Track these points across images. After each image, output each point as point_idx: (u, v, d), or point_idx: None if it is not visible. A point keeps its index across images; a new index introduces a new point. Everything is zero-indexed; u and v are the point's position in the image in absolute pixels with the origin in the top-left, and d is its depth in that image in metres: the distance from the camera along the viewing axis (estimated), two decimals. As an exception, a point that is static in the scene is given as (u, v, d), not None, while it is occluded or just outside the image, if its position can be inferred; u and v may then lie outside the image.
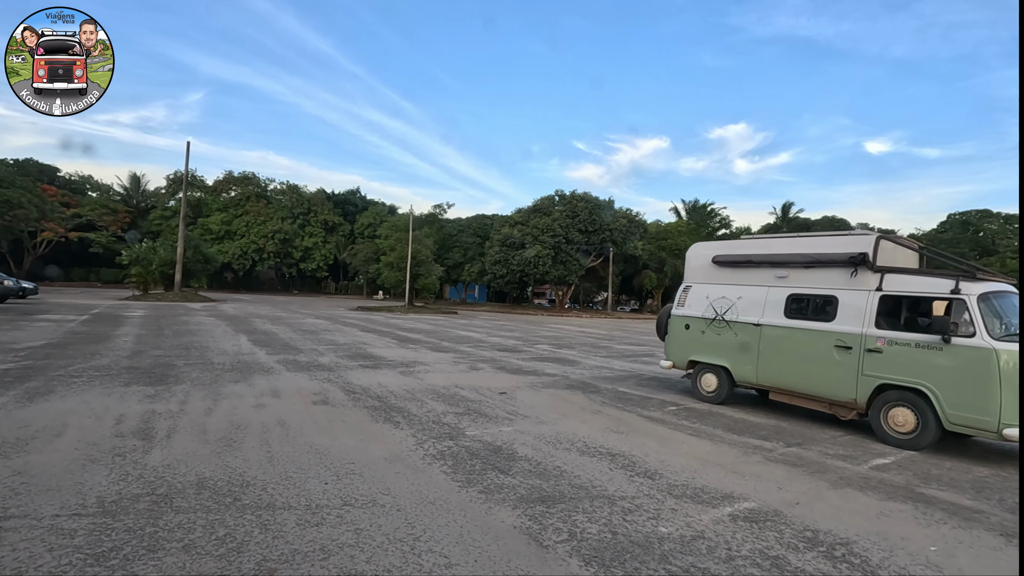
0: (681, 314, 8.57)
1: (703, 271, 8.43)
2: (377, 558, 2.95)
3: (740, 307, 7.74)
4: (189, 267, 36.31)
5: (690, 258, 8.80)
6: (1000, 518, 4.08)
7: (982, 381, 5.46)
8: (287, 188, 62.67)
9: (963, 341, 5.62)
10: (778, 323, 7.24)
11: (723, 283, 8.07)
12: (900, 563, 3.23)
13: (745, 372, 7.62)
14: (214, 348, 11.57)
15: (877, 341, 6.25)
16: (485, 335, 19.09)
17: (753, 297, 7.60)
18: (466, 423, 6.11)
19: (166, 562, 2.80)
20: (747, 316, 7.62)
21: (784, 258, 7.35)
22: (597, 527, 3.50)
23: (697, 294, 8.41)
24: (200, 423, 5.55)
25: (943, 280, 6.01)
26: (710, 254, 8.36)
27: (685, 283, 8.74)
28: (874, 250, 6.45)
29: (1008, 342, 5.49)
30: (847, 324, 6.53)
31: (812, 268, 7.02)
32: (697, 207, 62.83)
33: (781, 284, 7.34)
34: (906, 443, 5.95)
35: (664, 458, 5.14)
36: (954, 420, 5.62)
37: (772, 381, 7.33)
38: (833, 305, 6.74)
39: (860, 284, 6.52)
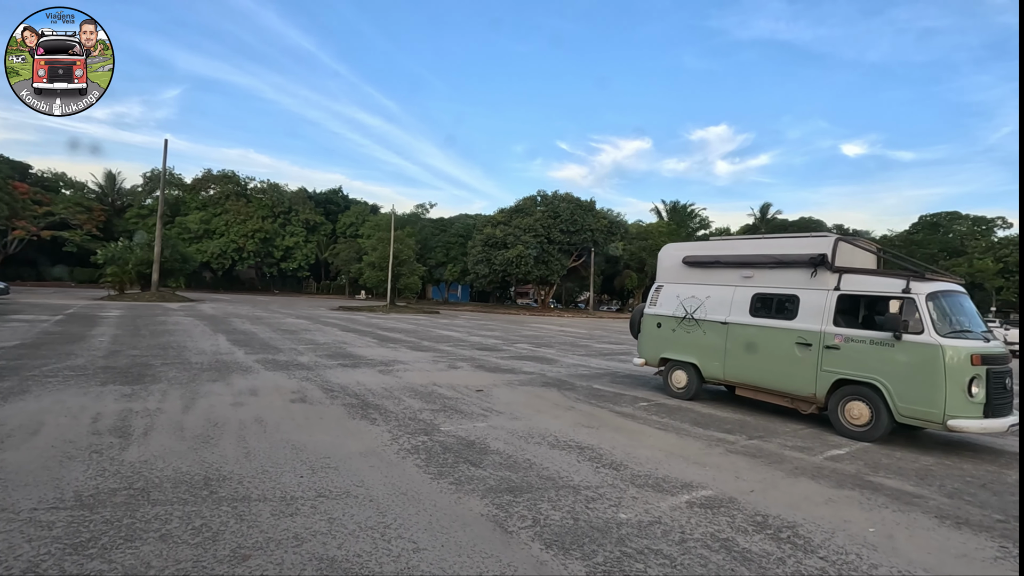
0: (653, 313, 8.81)
1: (674, 271, 8.67)
2: (348, 544, 3.10)
3: (708, 306, 7.99)
4: (167, 267, 35.83)
5: (662, 258, 9.03)
6: (938, 502, 4.36)
7: (929, 376, 5.76)
8: (268, 187, 61.97)
9: (912, 338, 5.92)
10: (744, 321, 7.51)
11: (693, 283, 8.33)
12: (839, 543, 3.48)
13: (713, 369, 7.87)
14: (192, 348, 11.55)
15: (835, 338, 6.53)
16: (466, 334, 19.23)
17: (721, 296, 7.86)
18: (441, 419, 6.27)
19: (143, 551, 2.91)
20: (715, 315, 7.88)
21: (750, 259, 7.64)
22: (560, 514, 3.69)
23: (668, 293, 8.66)
24: (177, 421, 5.63)
25: (895, 280, 6.31)
26: (681, 255, 8.60)
27: (657, 283, 8.99)
28: (833, 251, 6.74)
29: (953, 339, 5.81)
30: (808, 322, 6.80)
31: (776, 269, 7.31)
32: (677, 208, 63.64)
33: (747, 284, 7.61)
34: (861, 435, 6.24)
35: (630, 451, 5.36)
36: (904, 412, 5.92)
37: (738, 377, 7.60)
38: (795, 304, 7.01)
39: (820, 284, 6.80)
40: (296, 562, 2.86)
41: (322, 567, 2.82)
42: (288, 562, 2.86)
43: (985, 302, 41.46)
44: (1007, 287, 41.79)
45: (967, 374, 5.66)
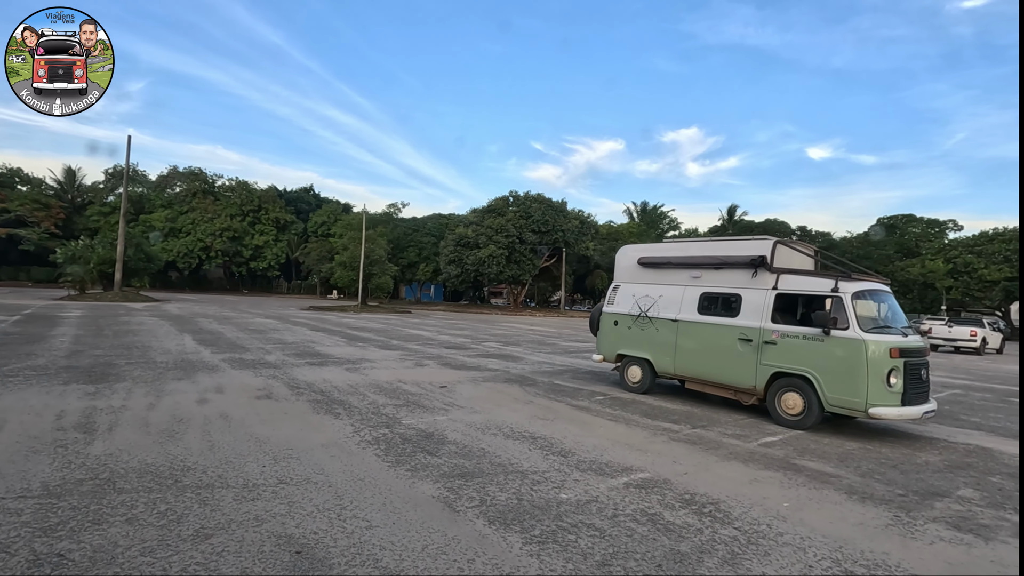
0: (611, 311, 9.23)
1: (630, 271, 9.08)
2: (306, 524, 3.36)
3: (661, 304, 8.42)
4: (130, 266, 34.99)
5: (619, 259, 9.42)
6: (850, 481, 4.83)
7: (854, 368, 6.26)
8: (236, 184, 60.86)
9: (840, 333, 6.40)
10: (693, 319, 7.96)
11: (647, 283, 8.77)
12: (754, 516, 3.88)
13: (665, 364, 8.32)
14: (157, 347, 11.52)
15: (772, 334, 7.01)
16: (435, 333, 19.45)
17: (672, 295, 8.30)
18: (404, 413, 6.53)
19: (111, 532, 3.12)
20: (667, 313, 8.32)
21: (698, 260, 8.09)
22: (506, 495, 4.01)
23: (625, 293, 9.07)
24: (142, 417, 5.77)
25: (825, 280, 6.82)
26: (636, 256, 9.03)
27: (615, 283, 9.41)
28: (772, 253, 7.23)
29: (875, 334, 6.34)
30: (749, 319, 7.28)
31: (721, 269, 7.78)
32: (648, 209, 64.85)
33: (696, 284, 8.06)
34: (795, 423, 6.74)
35: (580, 440, 5.72)
36: (833, 402, 6.43)
37: (687, 371, 8.05)
38: (738, 302, 7.48)
39: (760, 284, 7.29)
40: (256, 539, 3.11)
41: (280, 543, 3.08)
42: (248, 539, 3.11)
43: (936, 301, 43.47)
44: (956, 287, 43.90)
45: (886, 366, 6.17)
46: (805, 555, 3.29)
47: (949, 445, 6.53)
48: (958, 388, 11.85)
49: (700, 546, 3.33)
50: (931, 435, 7.03)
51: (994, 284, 42.69)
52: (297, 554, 2.96)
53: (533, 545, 3.22)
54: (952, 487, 4.86)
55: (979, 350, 23.46)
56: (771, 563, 3.16)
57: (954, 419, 8.17)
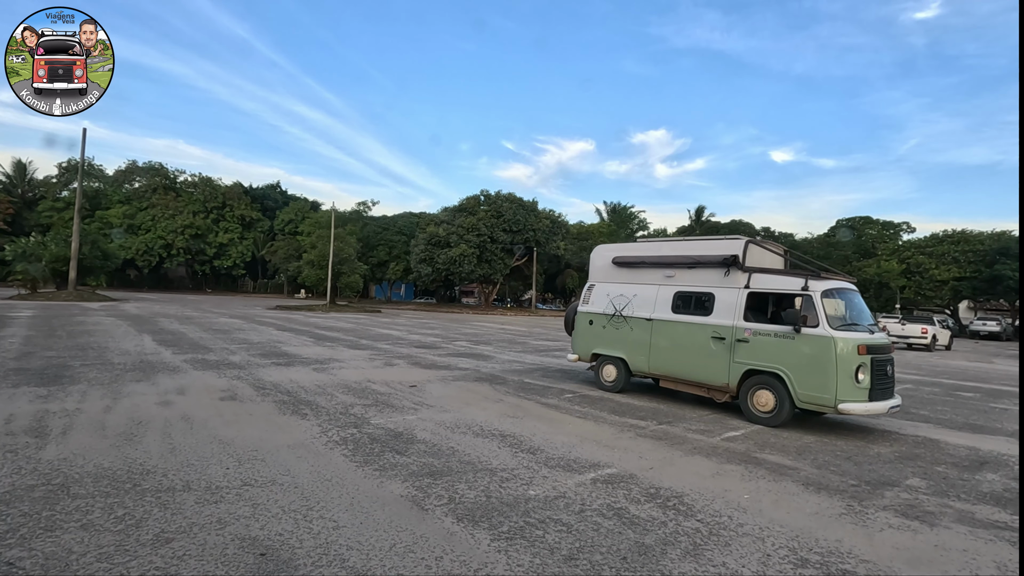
0: (586, 311, 9.25)
1: (605, 271, 9.10)
2: (271, 525, 3.31)
3: (635, 304, 8.46)
4: (86, 264, 33.63)
5: (594, 259, 9.42)
6: (807, 473, 5.02)
7: (823, 365, 6.40)
8: (199, 180, 59.10)
9: (810, 331, 6.52)
10: (666, 318, 8.03)
11: (621, 282, 8.79)
12: (716, 508, 4.00)
13: (639, 362, 8.38)
14: (114, 348, 11.13)
15: (745, 332, 7.12)
16: (406, 333, 19.30)
17: (646, 295, 8.35)
18: (372, 413, 6.48)
19: (64, 539, 3.02)
20: (641, 312, 8.37)
21: (671, 259, 8.16)
22: (475, 493, 4.03)
23: (599, 292, 9.09)
24: (99, 420, 5.57)
25: (795, 279, 6.94)
26: (610, 255, 9.04)
27: (590, 282, 9.39)
28: (743, 253, 7.34)
29: (843, 331, 6.49)
30: (722, 318, 7.36)
31: (694, 268, 7.85)
32: (618, 209, 65.64)
33: (669, 283, 8.12)
34: (767, 420, 6.84)
35: (549, 437, 5.78)
36: (803, 399, 6.56)
37: (661, 370, 8.12)
38: (711, 301, 7.56)
39: (732, 282, 7.38)
40: (219, 542, 3.06)
41: (244, 545, 3.03)
42: (211, 543, 3.05)
43: (891, 300, 45.30)
44: (909, 286, 45.87)
45: (854, 363, 6.32)
46: (764, 544, 3.41)
47: (899, 437, 6.84)
48: (909, 383, 12.38)
49: (664, 538, 3.42)
50: (883, 428, 7.34)
51: (944, 284, 44.74)
52: (262, 556, 2.92)
53: (501, 541, 3.25)
54: (901, 477, 5.09)
55: (929, 347, 24.55)
56: (731, 553, 3.27)
57: (905, 412, 8.54)
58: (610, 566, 3.02)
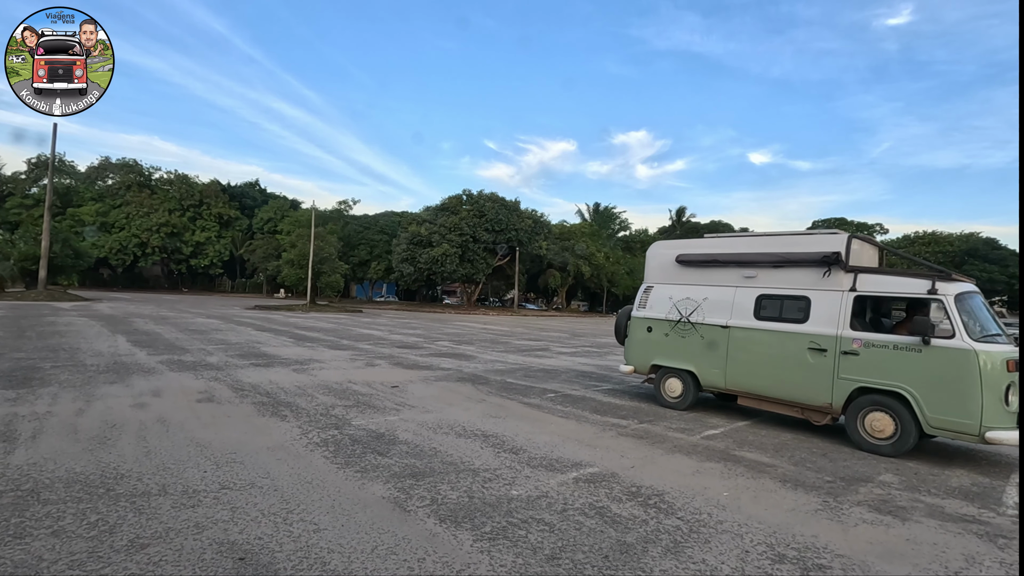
0: (642, 316, 8.14)
1: (665, 271, 8.05)
2: (250, 529, 3.27)
3: (706, 308, 7.41)
4: (56, 263, 32.76)
5: (651, 257, 8.39)
6: (784, 470, 5.11)
7: (963, 383, 5.38)
8: (175, 177, 58.01)
9: (942, 342, 5.54)
10: (747, 325, 6.98)
11: (687, 283, 7.73)
12: (696, 505, 4.05)
13: (712, 376, 7.31)
14: (87, 349, 10.85)
15: (853, 343, 6.08)
16: (387, 333, 19.17)
17: (720, 298, 7.32)
18: (354, 414, 6.43)
19: (34, 546, 2.94)
20: (714, 318, 7.31)
21: (752, 257, 7.11)
22: (457, 493, 4.03)
23: (659, 295, 8.01)
24: (70, 423, 5.43)
25: (918, 280, 5.93)
26: (673, 253, 7.98)
27: (646, 283, 8.32)
28: (847, 249, 6.30)
29: (986, 343, 5.51)
30: (821, 326, 6.34)
31: (781, 268, 6.82)
32: (600, 210, 66.05)
33: (749, 284, 7.09)
34: (885, 449, 5.84)
35: (532, 437, 5.80)
36: (935, 424, 5.53)
37: (741, 385, 7.06)
38: (805, 306, 6.53)
39: (833, 284, 6.36)
40: (196, 547, 3.00)
41: (222, 550, 2.98)
42: (188, 547, 3.00)
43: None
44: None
45: (1003, 381, 5.35)
46: (742, 541, 3.47)
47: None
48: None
49: (645, 536, 3.45)
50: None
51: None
52: (240, 560, 2.88)
53: (484, 542, 3.25)
54: (875, 472, 5.22)
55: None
56: (711, 550, 3.31)
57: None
58: (592, 565, 3.04)
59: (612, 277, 56.46)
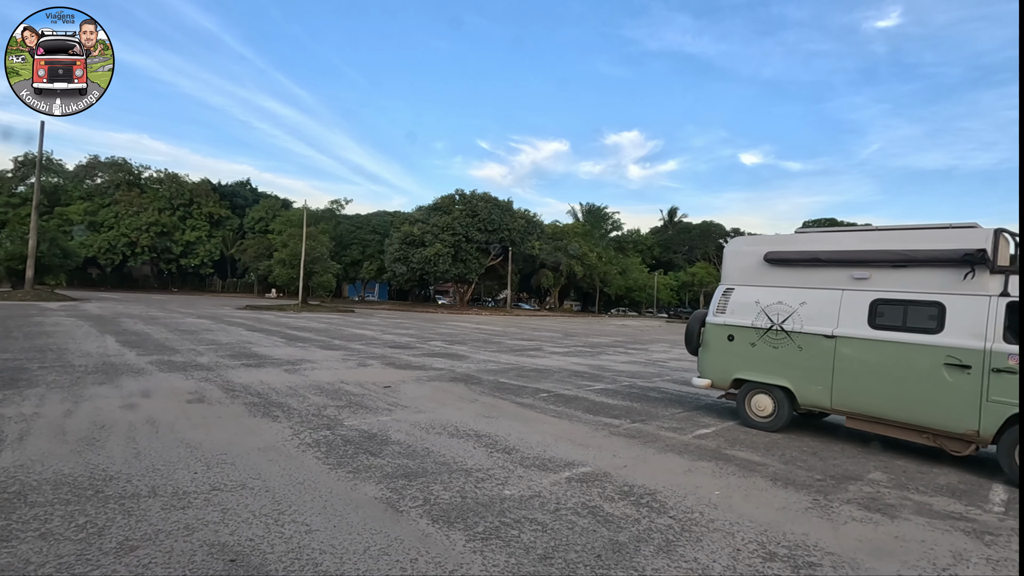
0: (721, 322, 7.10)
1: (750, 271, 7.05)
2: (241, 531, 3.25)
3: (804, 314, 6.43)
4: (44, 262, 32.39)
5: (731, 255, 7.41)
6: (775, 468, 5.15)
7: None
8: (165, 176, 57.51)
9: None
10: (860, 335, 6.00)
11: (779, 285, 6.74)
12: (688, 504, 4.08)
13: (813, 394, 6.35)
14: (75, 350, 10.73)
15: (1008, 359, 5.10)
16: (380, 333, 19.11)
17: (822, 303, 6.34)
18: (346, 415, 6.40)
19: (21, 549, 2.91)
20: (814, 326, 6.33)
21: (863, 255, 6.14)
22: (450, 494, 4.02)
23: (743, 298, 7.01)
24: (58, 425, 5.37)
25: None
26: (760, 250, 6.97)
27: (725, 284, 7.29)
28: (994, 247, 5.34)
29: None
30: (960, 337, 5.37)
31: (903, 268, 5.86)
32: (592, 210, 66.24)
33: (861, 287, 6.13)
34: None
35: (524, 436, 5.80)
36: None
37: (853, 405, 6.08)
38: (939, 313, 5.56)
39: (976, 288, 5.40)
40: (186, 549, 2.98)
41: (213, 551, 2.96)
42: (178, 549, 2.97)
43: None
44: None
45: None
46: (734, 539, 3.49)
47: (862, 433, 7.04)
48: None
49: (637, 535, 3.47)
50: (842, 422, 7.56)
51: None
52: (231, 562, 2.86)
53: (476, 542, 3.25)
54: (864, 471, 5.27)
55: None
56: (703, 548, 3.33)
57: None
58: (585, 564, 3.05)
59: (604, 277, 56.61)
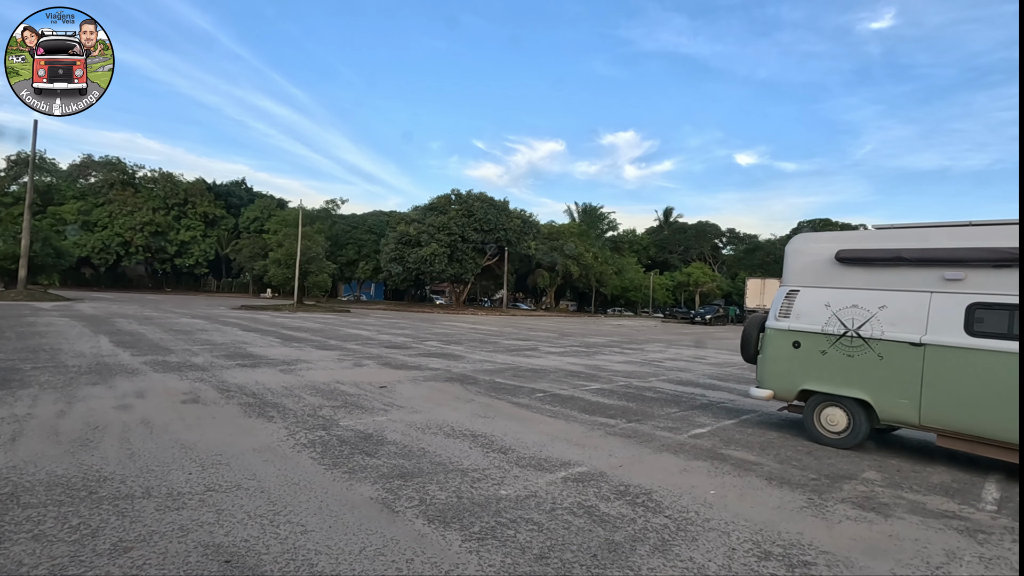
0: (786, 327, 6.47)
1: (818, 270, 6.43)
2: (236, 531, 3.23)
3: (885, 319, 5.84)
4: (37, 262, 32.19)
5: (795, 253, 6.71)
6: (770, 468, 5.17)
7: None
8: (160, 176, 57.20)
9: None
10: (955, 343, 5.39)
11: (853, 287, 6.12)
12: (683, 504, 4.09)
13: (897, 408, 5.70)
14: (68, 350, 10.67)
15: None
16: (375, 333, 19.08)
17: (906, 306, 5.74)
18: (341, 415, 6.39)
19: (14, 551, 2.88)
20: (898, 332, 5.72)
21: (958, 254, 5.51)
22: (446, 494, 4.02)
23: (810, 301, 6.39)
24: (51, 425, 5.34)
25: None
26: (830, 248, 6.35)
27: (788, 285, 6.66)
28: None
29: None
30: None
31: (1006, 268, 5.21)
32: (588, 209, 66.33)
33: (954, 289, 5.52)
34: None
35: (520, 436, 5.80)
36: None
37: (947, 423, 5.47)
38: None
39: None
40: (180, 550, 2.97)
41: (208, 552, 2.95)
42: (172, 551, 2.96)
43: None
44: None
45: None
46: (729, 539, 3.50)
47: (857, 432, 7.10)
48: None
49: (633, 535, 3.47)
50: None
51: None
52: (226, 563, 2.85)
53: (472, 542, 3.25)
54: (858, 470, 5.29)
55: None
56: (698, 548, 3.34)
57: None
58: (581, 564, 3.05)
59: (600, 277, 56.67)
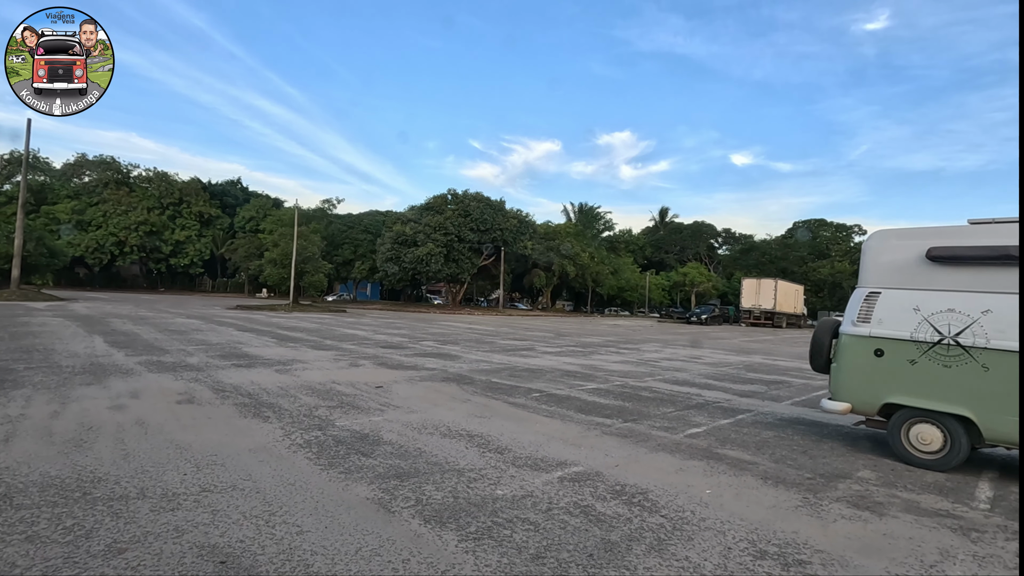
0: (866, 333, 5.81)
1: (905, 270, 5.79)
2: (231, 532, 3.22)
3: (989, 326, 5.15)
4: (30, 261, 32.00)
5: (876, 251, 6.05)
6: (765, 467, 5.19)
7: None
8: (155, 175, 56.96)
9: None
10: None
11: (949, 289, 5.47)
12: (679, 503, 4.10)
13: (1007, 427, 5.02)
14: (62, 350, 10.61)
15: None
16: (371, 333, 19.05)
17: (1016, 312, 5.05)
18: (337, 415, 6.37)
19: (7, 552, 2.87)
20: (1007, 341, 5.03)
21: None
22: (442, 494, 4.02)
23: (895, 304, 5.74)
24: (45, 426, 5.31)
25: None
26: (920, 245, 5.67)
27: (868, 287, 5.98)
28: None
29: None
30: None
31: None
32: (584, 209, 66.37)
33: None
34: None
35: (517, 436, 5.80)
36: None
37: None
38: None
39: None
40: (175, 551, 2.96)
41: (203, 553, 2.94)
42: (167, 552, 2.95)
43: (844, 299, 47.25)
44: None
45: None
46: (725, 538, 3.51)
47: (851, 431, 7.13)
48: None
49: (629, 534, 3.48)
50: (836, 423, 7.64)
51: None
52: (222, 564, 2.84)
53: (469, 542, 3.25)
54: (853, 469, 5.32)
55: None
56: (694, 547, 3.35)
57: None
58: (577, 563, 3.05)
59: (597, 277, 56.74)
